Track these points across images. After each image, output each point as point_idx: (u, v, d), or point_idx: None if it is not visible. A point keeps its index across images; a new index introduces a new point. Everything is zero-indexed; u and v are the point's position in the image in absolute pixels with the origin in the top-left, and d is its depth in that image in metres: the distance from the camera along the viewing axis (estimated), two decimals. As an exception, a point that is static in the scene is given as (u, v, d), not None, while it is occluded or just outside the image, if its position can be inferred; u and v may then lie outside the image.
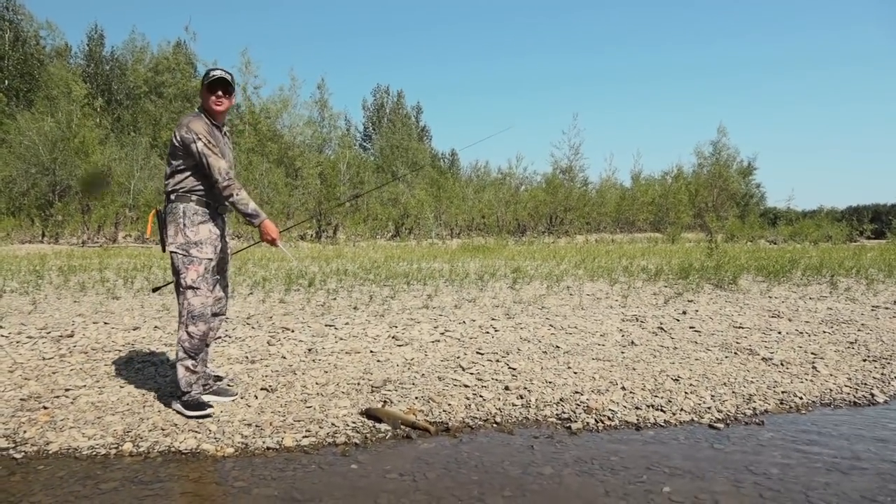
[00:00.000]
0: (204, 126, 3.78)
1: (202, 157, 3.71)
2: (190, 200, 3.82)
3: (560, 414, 4.02)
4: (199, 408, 3.83)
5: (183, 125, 3.76)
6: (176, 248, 3.82)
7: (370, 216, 28.38)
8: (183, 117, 3.87)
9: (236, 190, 3.78)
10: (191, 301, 3.83)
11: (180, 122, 3.82)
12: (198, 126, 3.75)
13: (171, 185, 3.85)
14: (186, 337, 3.84)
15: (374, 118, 58.26)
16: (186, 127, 3.74)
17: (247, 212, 3.82)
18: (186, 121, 3.79)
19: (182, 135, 3.73)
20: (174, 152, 3.80)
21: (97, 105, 29.73)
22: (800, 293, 9.04)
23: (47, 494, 2.83)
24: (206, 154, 3.71)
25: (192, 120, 3.79)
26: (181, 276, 3.83)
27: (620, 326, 6.47)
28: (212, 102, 3.87)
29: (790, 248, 20.29)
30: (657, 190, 37.16)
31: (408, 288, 8.94)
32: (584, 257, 14.31)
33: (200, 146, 3.70)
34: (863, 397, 4.47)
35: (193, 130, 3.71)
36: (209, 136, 3.76)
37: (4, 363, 4.84)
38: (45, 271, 10.14)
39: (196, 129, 3.72)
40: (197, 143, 3.70)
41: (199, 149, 3.70)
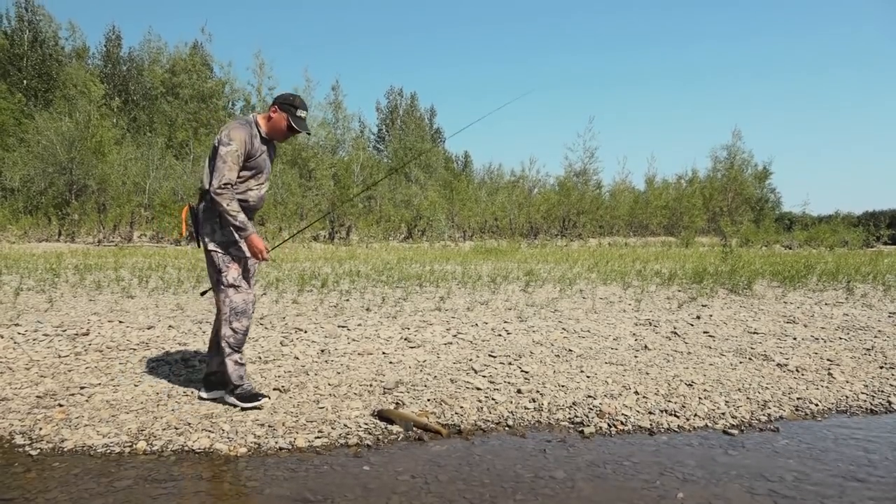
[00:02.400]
0: (244, 135, 3.81)
1: (219, 158, 3.73)
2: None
3: (573, 418, 4.00)
4: (252, 398, 3.96)
5: (225, 129, 3.82)
6: (215, 247, 3.87)
7: (383, 218, 28.44)
8: (231, 121, 3.92)
9: (227, 200, 3.75)
10: (233, 298, 3.90)
11: (227, 124, 3.88)
12: (237, 133, 3.79)
13: (208, 184, 3.87)
14: (231, 333, 3.92)
15: (387, 120, 58.38)
16: (227, 132, 3.79)
17: (234, 223, 3.79)
18: (231, 126, 3.84)
19: (220, 137, 3.79)
20: (215, 153, 3.83)
21: (114, 105, 29.96)
22: (815, 299, 8.95)
23: (62, 491, 2.85)
24: (225, 160, 3.73)
25: (236, 127, 3.83)
26: (222, 274, 3.88)
27: (634, 330, 6.44)
28: (280, 132, 3.99)
29: (806, 254, 20.12)
30: (671, 194, 36.97)
31: (420, 290, 8.95)
32: (597, 261, 14.26)
33: (223, 150, 3.73)
34: (879, 405, 4.42)
35: (231, 136, 3.76)
36: (242, 148, 3.79)
37: (21, 360, 4.89)
38: (61, 270, 10.24)
39: (234, 135, 3.77)
40: (227, 146, 3.74)
41: (221, 151, 3.74)
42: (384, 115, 59.08)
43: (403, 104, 59.07)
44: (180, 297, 7.97)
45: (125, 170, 24.59)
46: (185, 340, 5.63)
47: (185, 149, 30.00)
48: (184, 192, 23.91)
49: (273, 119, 3.97)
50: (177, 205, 22.67)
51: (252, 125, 3.92)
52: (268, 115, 3.99)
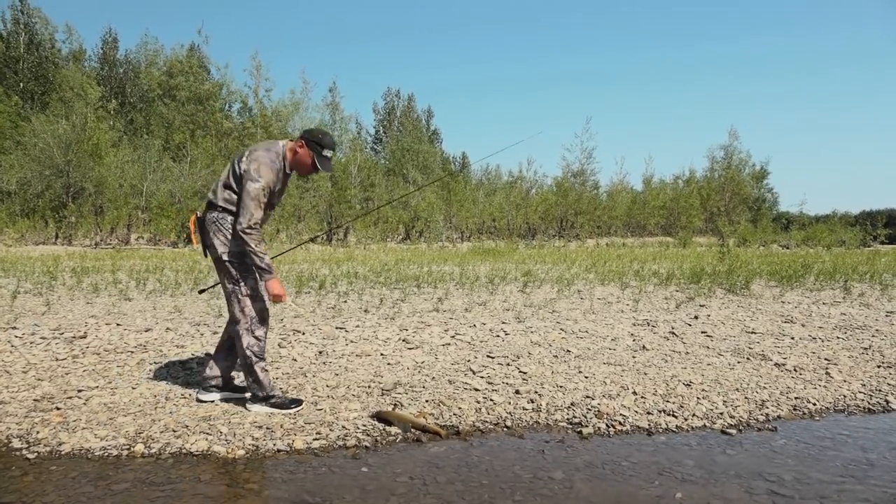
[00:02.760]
0: (273, 175, 3.80)
1: (247, 195, 3.70)
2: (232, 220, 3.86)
3: (571, 418, 4.00)
4: (291, 404, 3.98)
5: (254, 161, 3.77)
6: (230, 258, 3.85)
7: (380, 219, 28.43)
8: (261, 150, 3.85)
9: (256, 241, 3.74)
10: (252, 307, 3.90)
11: (256, 154, 3.81)
12: (266, 172, 3.76)
13: (221, 198, 3.86)
14: (254, 341, 3.91)
15: (384, 121, 58.37)
16: (257, 167, 3.75)
17: (260, 265, 3.77)
18: (261, 161, 3.78)
19: (249, 168, 3.74)
20: (237, 175, 3.80)
21: (111, 108, 29.95)
22: (813, 298, 8.97)
23: (59, 495, 2.84)
24: (253, 198, 3.70)
25: (266, 164, 3.78)
26: (240, 284, 3.86)
27: (632, 331, 6.44)
28: (304, 169, 3.98)
29: (803, 253, 20.15)
30: (668, 194, 37.03)
31: (418, 291, 8.95)
32: (594, 261, 14.27)
33: (252, 187, 3.70)
34: (877, 404, 4.42)
35: (261, 174, 3.74)
36: (269, 187, 3.78)
37: (18, 364, 4.88)
38: (58, 272, 10.22)
39: (264, 173, 3.75)
40: (256, 183, 3.71)
41: (249, 188, 3.70)
42: (381, 116, 59.06)
43: (401, 105, 59.08)
44: (178, 299, 7.96)
45: (122, 172, 24.56)
46: (182, 343, 5.63)
47: (182, 151, 29.93)
48: (181, 195, 23.88)
49: (299, 154, 3.95)
50: (174, 207, 22.66)
51: (280, 159, 3.89)
52: (294, 149, 3.95)
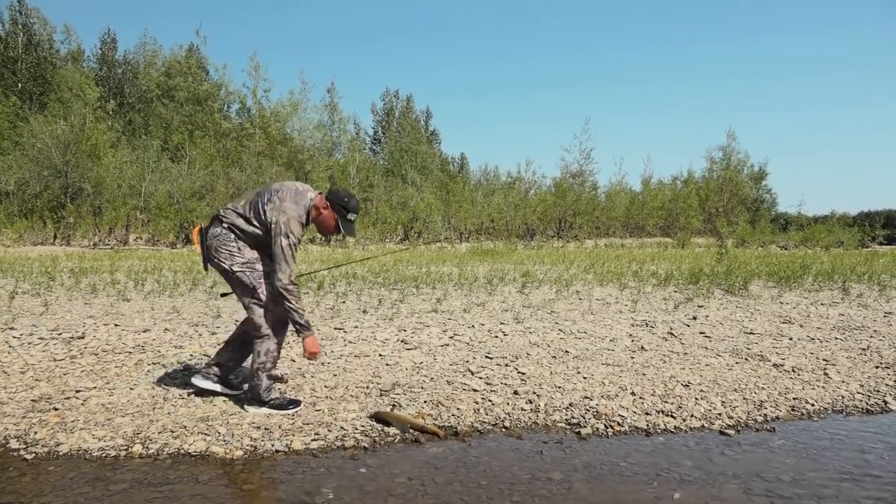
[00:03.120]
0: (301, 230, 3.85)
1: (283, 251, 3.74)
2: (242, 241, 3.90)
3: (569, 419, 4.00)
4: (290, 405, 3.98)
5: (285, 213, 3.79)
6: (241, 268, 3.86)
7: (379, 220, 28.42)
8: (289, 201, 3.84)
9: (296, 297, 3.79)
10: (273, 312, 3.92)
11: (286, 205, 3.82)
12: (297, 228, 3.81)
13: (230, 220, 3.90)
14: (275, 347, 3.95)
15: (383, 122, 58.36)
16: (287, 219, 3.77)
17: (300, 321, 3.81)
18: (291, 214, 3.80)
19: (281, 221, 3.76)
20: (260, 216, 3.83)
21: (109, 108, 29.92)
22: (811, 299, 8.97)
23: (57, 495, 2.84)
24: (287, 253, 3.74)
25: (295, 220, 3.81)
26: (257, 290, 3.87)
27: (630, 331, 6.44)
28: (327, 229, 4.02)
29: (801, 254, 20.16)
30: (667, 195, 37.04)
31: (417, 291, 8.94)
32: (593, 262, 14.27)
33: (285, 243, 3.74)
34: (875, 405, 4.42)
35: (292, 229, 3.77)
36: (297, 241, 3.83)
37: (16, 364, 4.87)
38: (56, 273, 10.21)
39: (294, 229, 3.79)
40: (288, 238, 3.75)
41: (283, 243, 3.74)
42: (380, 117, 59.05)
43: (399, 106, 59.07)
44: (176, 299, 7.95)
45: (121, 173, 24.54)
46: (181, 343, 5.62)
47: (181, 152, 29.93)
48: (179, 195, 23.86)
49: (323, 215, 3.98)
50: (172, 207, 22.63)
51: (305, 214, 3.91)
52: (319, 208, 3.97)
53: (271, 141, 36.35)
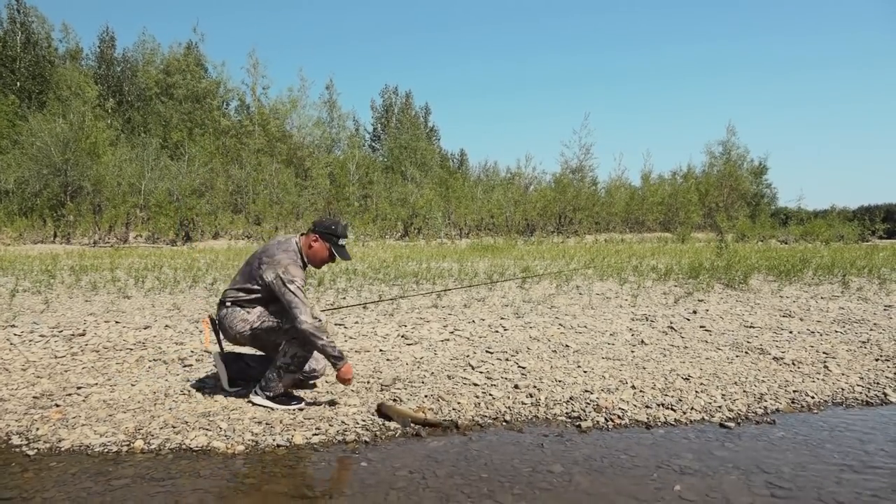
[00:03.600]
0: (300, 272, 3.90)
1: (292, 296, 3.78)
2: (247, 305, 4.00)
3: (570, 412, 4.01)
4: (293, 402, 3.99)
5: (278, 264, 3.86)
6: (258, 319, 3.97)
7: (379, 216, 28.42)
8: (278, 253, 3.94)
9: (325, 333, 3.82)
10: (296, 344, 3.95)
11: (277, 258, 3.90)
12: (297, 271, 3.88)
13: (230, 297, 4.01)
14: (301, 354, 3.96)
15: (382, 119, 58.28)
16: (284, 268, 3.84)
17: (334, 354, 3.83)
18: (285, 261, 3.88)
19: (279, 272, 3.82)
20: (259, 281, 3.91)
21: (108, 106, 29.91)
22: (811, 293, 8.97)
23: (60, 491, 2.85)
24: (298, 295, 3.79)
25: (292, 264, 3.88)
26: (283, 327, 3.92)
27: (630, 326, 6.45)
28: (320, 261, 4.09)
29: (801, 248, 20.16)
30: (667, 190, 37.03)
31: (417, 287, 8.95)
32: (593, 257, 14.27)
33: (293, 287, 3.80)
34: (875, 397, 4.43)
35: (293, 274, 3.84)
36: (303, 283, 3.87)
37: (17, 361, 4.88)
38: (56, 271, 10.22)
39: (295, 273, 3.85)
40: (293, 282, 3.80)
41: (291, 288, 3.79)
42: (379, 113, 58.96)
43: (398, 103, 58.98)
44: (177, 296, 7.96)
45: (120, 171, 24.54)
46: (181, 340, 5.63)
47: (180, 149, 29.92)
48: (179, 193, 23.86)
49: (314, 248, 4.05)
50: (172, 205, 22.62)
51: (298, 256, 3.99)
52: (308, 244, 4.05)
53: (270, 138, 36.39)
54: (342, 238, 4.05)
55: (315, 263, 4.10)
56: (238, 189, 29.11)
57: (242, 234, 24.76)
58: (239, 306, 4.00)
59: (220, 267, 11.37)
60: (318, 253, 4.05)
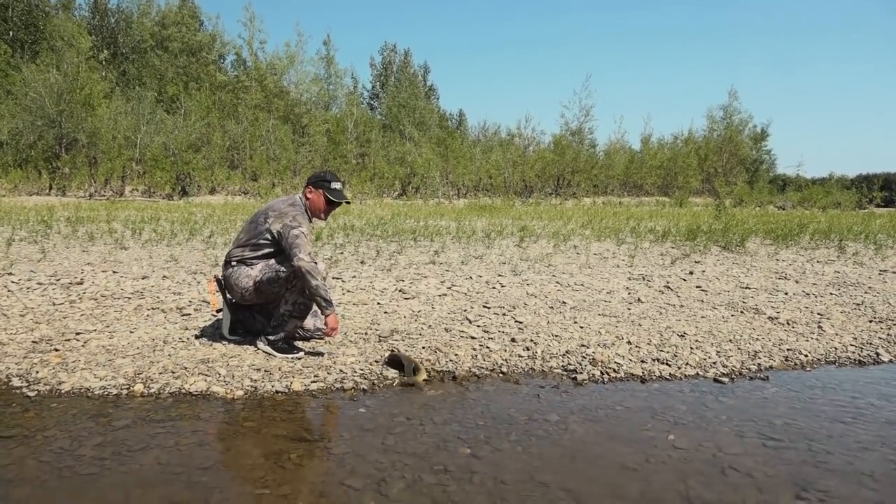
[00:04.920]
0: (306, 220, 3.99)
1: (294, 238, 3.83)
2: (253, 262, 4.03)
3: (566, 366, 4.05)
4: (292, 350, 4.02)
5: (285, 214, 3.94)
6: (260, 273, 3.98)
7: (377, 175, 28.26)
8: (284, 205, 4.03)
9: (319, 275, 3.83)
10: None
11: (283, 210, 3.98)
12: (303, 219, 3.95)
13: (234, 257, 4.05)
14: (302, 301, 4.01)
15: (381, 77, 57.54)
16: (291, 218, 3.92)
17: (325, 297, 3.82)
18: (291, 212, 3.96)
19: (286, 221, 3.90)
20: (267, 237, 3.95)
21: (102, 58, 29.42)
22: (807, 256, 9.00)
23: (61, 430, 2.87)
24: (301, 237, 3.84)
25: (300, 213, 3.98)
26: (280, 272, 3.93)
27: (627, 284, 6.47)
28: (321, 209, 4.10)
29: (799, 214, 20.17)
30: (666, 154, 36.82)
31: (415, 244, 8.95)
32: (591, 218, 14.26)
33: (297, 231, 3.87)
34: (868, 356, 4.48)
35: (299, 220, 3.92)
36: (309, 230, 3.96)
37: (15, 308, 4.89)
38: (53, 222, 10.17)
39: (301, 220, 3.94)
40: (299, 227, 3.88)
41: (295, 232, 3.86)
42: (378, 71, 58.21)
43: (397, 61, 58.17)
44: (174, 248, 7.95)
45: (115, 124, 24.24)
46: (179, 290, 5.63)
47: (176, 103, 29.54)
48: (175, 147, 23.64)
49: (311, 199, 4.10)
50: (168, 159, 22.44)
51: (303, 208, 4.07)
52: (305, 196, 4.10)
53: (267, 94, 35.94)
54: (334, 182, 4.08)
55: (318, 214, 4.12)
56: (235, 145, 28.83)
57: (239, 190, 24.63)
58: (244, 265, 4.02)
59: (217, 221, 11.34)
60: (315, 202, 4.08)
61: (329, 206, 4.11)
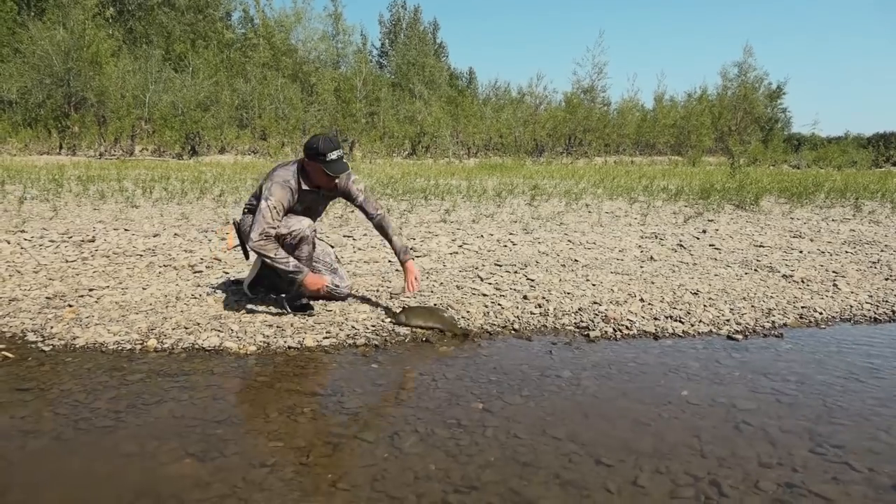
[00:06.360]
0: (284, 192, 3.79)
1: (258, 212, 3.74)
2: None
3: (578, 323, 4.03)
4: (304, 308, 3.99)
5: (270, 179, 3.83)
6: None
7: (386, 134, 28.03)
8: (280, 169, 3.90)
9: (272, 249, 3.71)
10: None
11: (275, 173, 3.86)
12: (277, 191, 3.77)
13: (250, 205, 4.04)
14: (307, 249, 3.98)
15: (390, 34, 56.67)
16: (270, 184, 3.79)
17: (287, 269, 3.73)
18: (276, 178, 3.82)
19: (265, 187, 3.81)
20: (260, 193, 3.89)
21: (108, 15, 29.05)
22: (822, 215, 8.90)
23: (76, 384, 2.90)
24: (263, 214, 3.71)
25: (278, 184, 3.79)
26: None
27: (639, 243, 6.42)
28: (322, 182, 3.89)
29: (814, 173, 19.90)
30: (679, 112, 36.20)
31: (425, 203, 8.90)
32: (602, 177, 14.12)
33: (262, 204, 3.74)
34: (884, 314, 4.43)
35: (272, 192, 3.76)
36: (280, 205, 3.76)
37: (29, 265, 4.91)
38: (64, 180, 10.17)
39: (275, 191, 3.76)
40: (266, 200, 3.74)
41: (262, 205, 3.74)
42: (387, 28, 57.31)
43: (406, 17, 57.19)
44: (185, 207, 7.94)
45: (123, 82, 24.05)
46: (191, 248, 5.64)
47: (184, 62, 29.25)
48: (184, 106, 23.48)
49: (308, 171, 3.86)
50: (177, 118, 22.33)
51: (295, 177, 3.85)
52: (303, 168, 3.88)
53: (275, 52, 35.51)
54: (330, 153, 3.73)
55: (321, 185, 3.93)
56: (243, 104, 28.61)
57: (248, 150, 24.51)
58: (253, 213, 3.96)
59: (227, 180, 11.31)
60: (313, 174, 3.86)
61: (329, 179, 3.85)
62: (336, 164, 3.78)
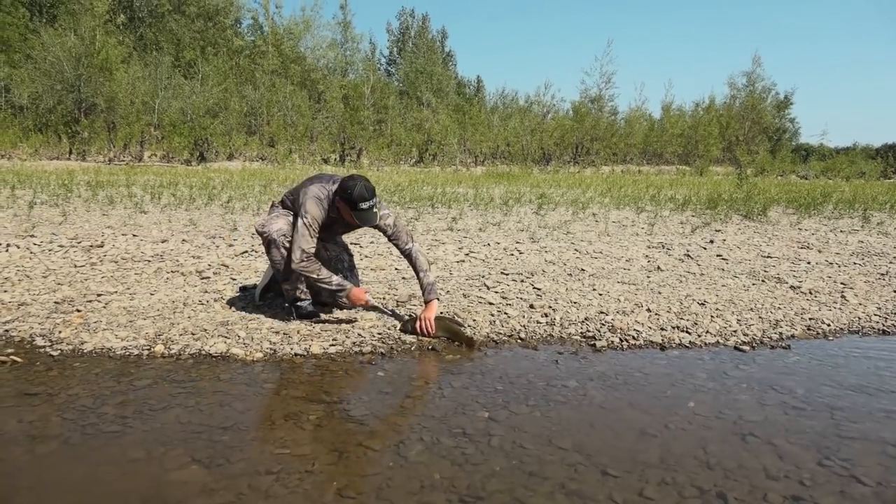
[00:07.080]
0: (319, 211, 3.79)
1: (296, 231, 3.74)
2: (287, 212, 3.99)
3: (584, 332, 4.02)
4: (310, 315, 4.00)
5: (306, 193, 3.80)
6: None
7: (394, 141, 28.11)
8: (316, 185, 3.86)
9: (315, 271, 3.74)
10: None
11: (311, 188, 3.83)
12: (313, 208, 3.77)
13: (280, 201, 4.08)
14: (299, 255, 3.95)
15: (398, 42, 56.92)
16: (305, 200, 3.78)
17: (331, 288, 3.80)
18: (311, 194, 3.80)
19: (301, 201, 3.80)
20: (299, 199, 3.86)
21: (119, 22, 29.29)
22: (830, 226, 8.86)
23: (84, 388, 2.91)
24: (301, 232, 3.72)
25: (313, 201, 3.78)
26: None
27: (646, 253, 6.41)
28: (351, 222, 3.88)
29: (822, 184, 19.83)
30: (687, 122, 36.16)
31: (432, 211, 8.92)
32: (609, 186, 14.12)
33: (299, 223, 3.74)
34: (892, 326, 4.40)
35: (307, 209, 3.75)
36: (315, 223, 3.77)
37: (38, 269, 4.94)
38: (73, 185, 10.24)
39: (311, 210, 3.75)
40: (303, 218, 3.73)
41: (298, 223, 3.75)
42: (396, 36, 57.58)
43: (415, 26, 57.43)
44: (193, 213, 7.98)
45: (133, 88, 24.25)
46: (198, 254, 5.66)
47: (193, 69, 29.46)
48: (193, 113, 23.62)
49: (339, 207, 3.83)
50: (186, 125, 22.48)
51: (328, 199, 3.83)
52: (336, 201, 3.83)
53: (284, 59, 35.74)
54: (362, 202, 3.67)
55: (347, 222, 3.92)
56: (252, 111, 28.78)
57: (257, 156, 24.64)
58: (284, 207, 4.01)
59: (235, 186, 11.36)
60: (342, 211, 3.83)
61: (354, 220, 3.81)
62: (366, 215, 3.74)
